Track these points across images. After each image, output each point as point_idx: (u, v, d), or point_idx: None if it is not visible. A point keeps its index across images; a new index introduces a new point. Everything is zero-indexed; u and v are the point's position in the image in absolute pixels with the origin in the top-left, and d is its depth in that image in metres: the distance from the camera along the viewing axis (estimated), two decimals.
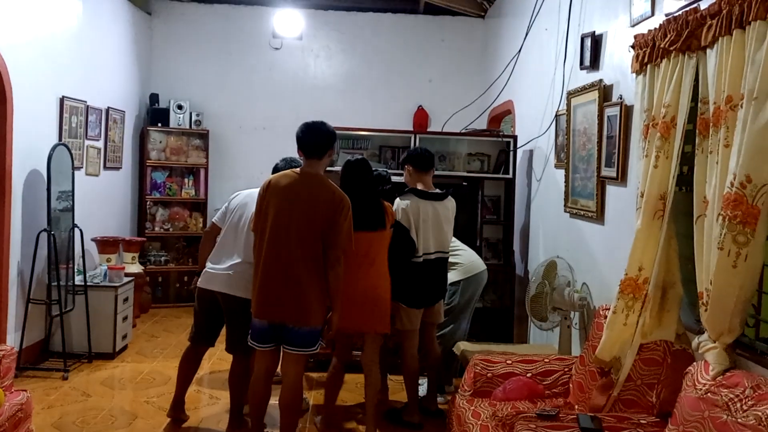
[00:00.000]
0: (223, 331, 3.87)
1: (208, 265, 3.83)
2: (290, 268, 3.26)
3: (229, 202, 3.93)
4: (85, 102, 5.69)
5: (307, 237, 3.26)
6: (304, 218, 3.27)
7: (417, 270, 4.04)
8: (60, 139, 5.24)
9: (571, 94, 4.34)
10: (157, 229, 7.19)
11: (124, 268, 5.70)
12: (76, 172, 5.34)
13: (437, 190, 4.22)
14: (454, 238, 4.50)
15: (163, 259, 7.26)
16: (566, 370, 3.49)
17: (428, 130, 7.14)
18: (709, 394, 2.31)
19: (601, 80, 3.88)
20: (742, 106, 2.23)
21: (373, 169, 4.01)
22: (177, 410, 4.03)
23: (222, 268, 3.72)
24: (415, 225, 4.01)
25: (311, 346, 3.35)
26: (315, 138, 3.37)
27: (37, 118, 4.95)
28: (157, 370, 5.03)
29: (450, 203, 4.24)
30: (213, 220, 3.97)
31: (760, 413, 2.04)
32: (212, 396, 4.55)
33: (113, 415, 4.11)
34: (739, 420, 2.10)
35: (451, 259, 4.40)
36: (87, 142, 5.80)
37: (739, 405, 2.15)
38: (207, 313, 3.87)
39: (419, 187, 4.14)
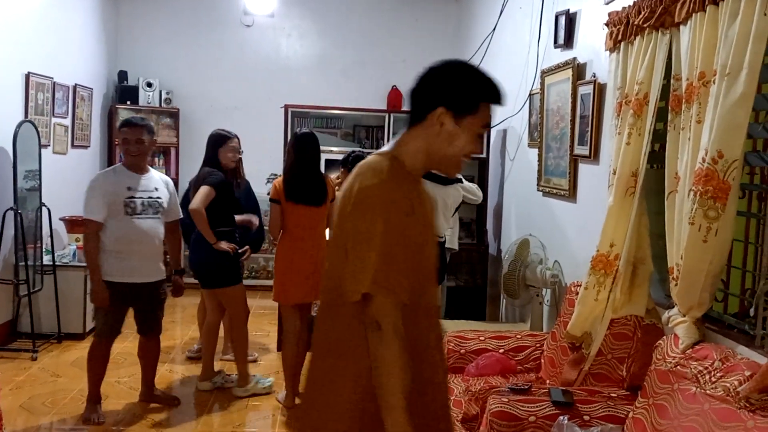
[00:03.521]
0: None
1: None
2: None
3: None
4: (52, 78, 5.55)
5: None
6: None
7: None
8: (26, 116, 5.10)
9: (544, 73, 4.34)
10: None
11: None
12: (43, 150, 5.21)
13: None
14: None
15: None
16: (538, 345, 3.53)
17: (402, 109, 7.10)
18: (678, 366, 2.35)
19: (574, 59, 3.88)
20: (714, 82, 2.24)
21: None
22: (147, 392, 4.02)
23: None
24: None
25: None
26: None
27: (1, 95, 4.81)
28: (128, 350, 4.95)
29: (453, 191, 4.23)
30: None
31: (728, 384, 2.08)
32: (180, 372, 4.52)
33: (83, 395, 4.04)
34: (707, 391, 2.14)
35: None
36: (54, 120, 5.66)
37: (708, 377, 2.19)
38: None
39: None
